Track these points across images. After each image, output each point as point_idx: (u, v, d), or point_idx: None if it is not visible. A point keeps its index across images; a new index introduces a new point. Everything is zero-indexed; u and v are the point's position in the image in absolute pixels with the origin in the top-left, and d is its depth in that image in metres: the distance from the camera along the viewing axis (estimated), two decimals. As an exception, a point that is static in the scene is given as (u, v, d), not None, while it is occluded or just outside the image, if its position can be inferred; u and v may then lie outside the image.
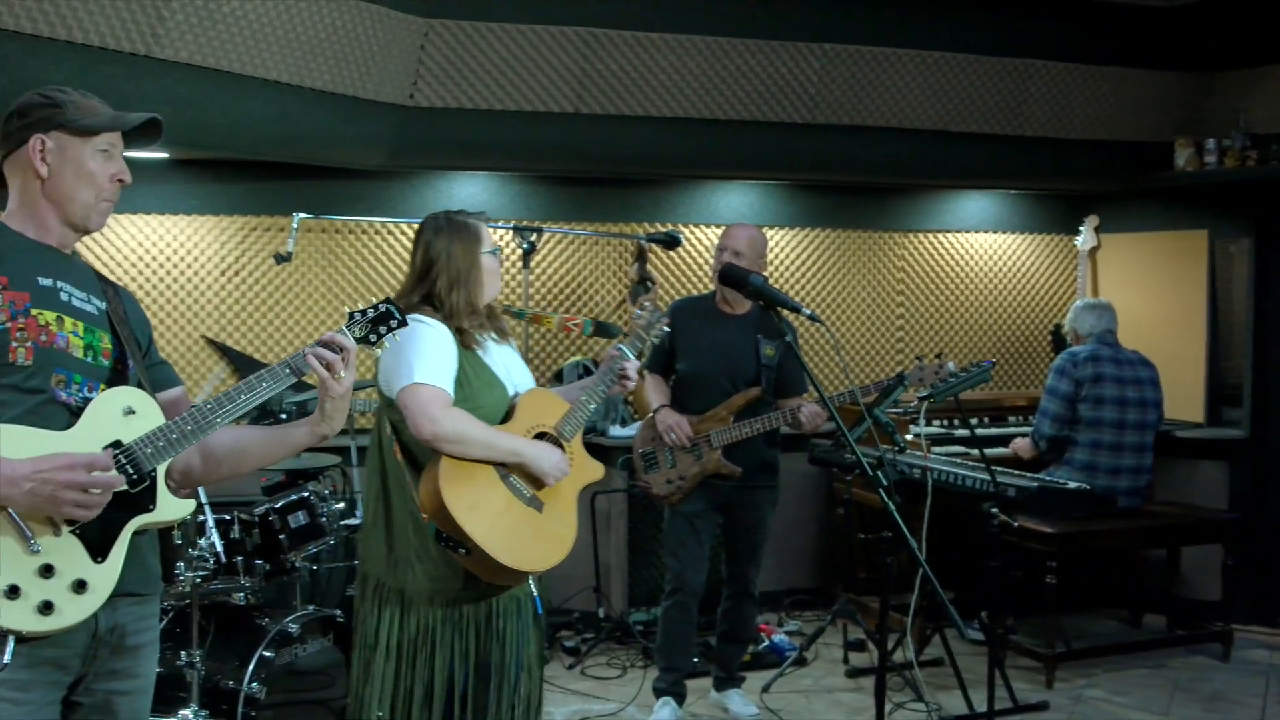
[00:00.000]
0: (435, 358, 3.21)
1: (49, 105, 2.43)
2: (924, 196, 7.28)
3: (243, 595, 4.38)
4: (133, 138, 2.54)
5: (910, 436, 5.76)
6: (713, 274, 5.05)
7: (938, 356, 4.95)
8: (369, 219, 6.04)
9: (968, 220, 7.39)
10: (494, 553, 3.10)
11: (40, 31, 4.04)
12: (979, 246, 7.42)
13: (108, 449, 2.33)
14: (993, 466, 4.97)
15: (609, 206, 6.62)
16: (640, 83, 5.75)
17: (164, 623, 4.23)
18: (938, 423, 6.38)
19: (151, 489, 2.40)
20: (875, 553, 5.90)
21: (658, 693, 5.05)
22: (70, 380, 2.37)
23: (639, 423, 5.22)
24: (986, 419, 6.64)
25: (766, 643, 5.89)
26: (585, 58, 5.59)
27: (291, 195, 5.85)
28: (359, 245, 6.15)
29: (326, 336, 2.54)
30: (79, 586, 2.27)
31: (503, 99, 5.59)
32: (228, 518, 4.39)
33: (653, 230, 6.54)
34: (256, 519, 4.42)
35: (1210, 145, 6.58)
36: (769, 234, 6.58)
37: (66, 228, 2.46)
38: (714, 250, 5.00)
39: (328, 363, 2.51)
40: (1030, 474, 5.55)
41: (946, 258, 7.34)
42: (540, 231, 5.42)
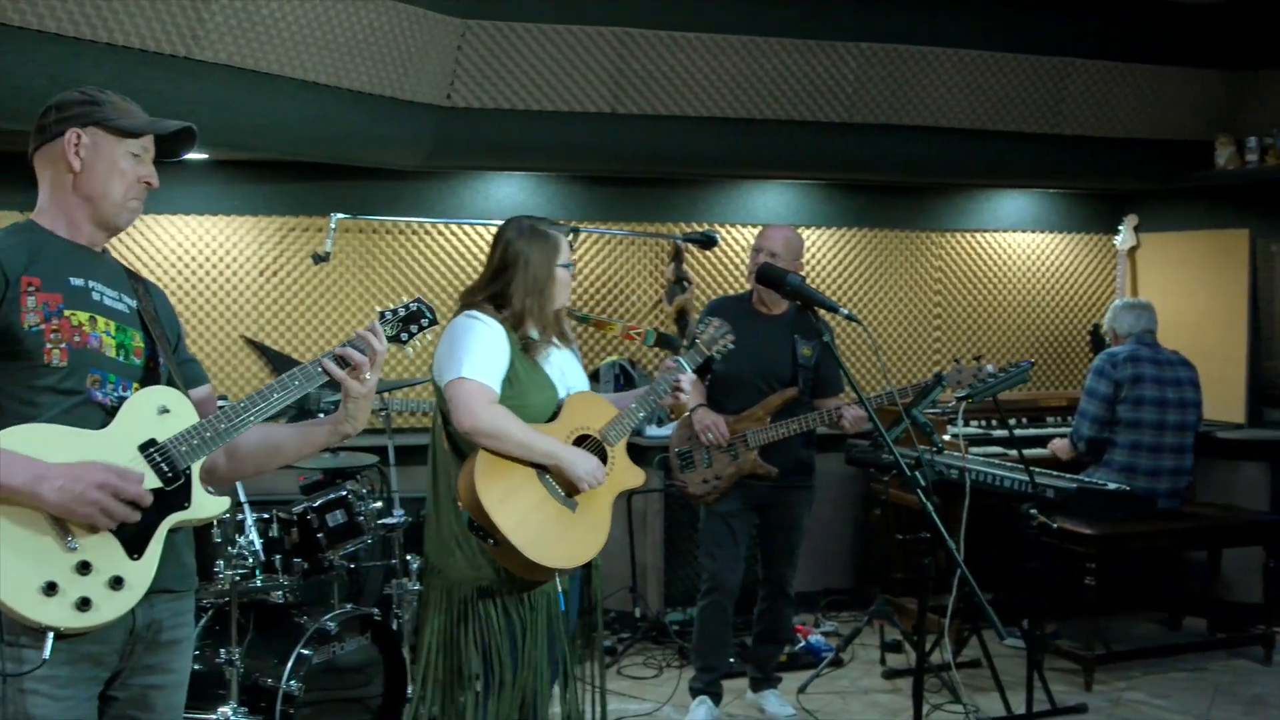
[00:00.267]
0: (485, 354, 3.29)
1: (89, 103, 2.46)
2: (962, 196, 7.24)
3: (281, 593, 4.42)
4: (166, 147, 2.56)
5: (948, 437, 5.73)
6: (748, 274, 5.03)
7: (976, 359, 4.93)
8: (406, 219, 6.08)
9: (1006, 220, 7.35)
10: (521, 546, 3.16)
11: (82, 34, 4.09)
12: (1017, 246, 7.37)
13: (142, 450, 2.36)
14: (1031, 467, 4.94)
15: (645, 206, 6.63)
16: (676, 82, 5.74)
17: (203, 620, 4.28)
18: (976, 423, 6.33)
19: (186, 487, 2.42)
20: (912, 553, 5.83)
21: (694, 692, 5.04)
22: (105, 380, 2.39)
23: (675, 422, 5.22)
24: (1025, 419, 6.59)
25: (803, 643, 5.88)
26: (621, 58, 5.60)
27: (329, 195, 5.92)
28: (396, 245, 6.18)
29: (357, 335, 2.56)
30: (116, 583, 2.29)
31: (539, 99, 5.60)
32: (266, 516, 4.44)
33: (689, 230, 6.53)
34: (295, 518, 4.46)
35: (1251, 144, 6.51)
36: (805, 234, 6.57)
37: (96, 226, 2.48)
38: (750, 250, 4.99)
39: (355, 363, 2.52)
40: (1069, 475, 5.51)
41: (984, 257, 7.29)
42: (577, 231, 5.38)
